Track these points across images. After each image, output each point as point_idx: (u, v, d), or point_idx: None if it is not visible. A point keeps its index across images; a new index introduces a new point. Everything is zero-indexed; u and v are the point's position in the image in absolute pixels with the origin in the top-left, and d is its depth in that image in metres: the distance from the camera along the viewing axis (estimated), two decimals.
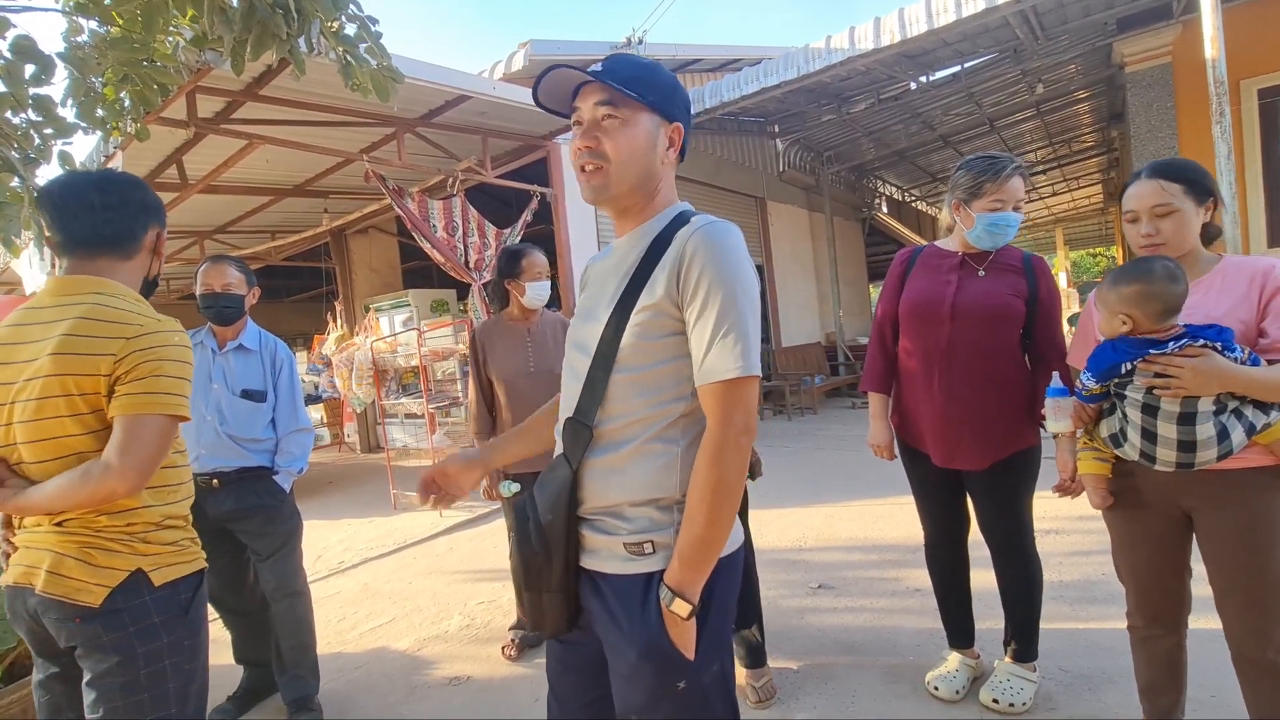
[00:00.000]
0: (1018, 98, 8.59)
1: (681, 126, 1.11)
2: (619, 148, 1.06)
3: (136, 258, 1.41)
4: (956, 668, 2.14)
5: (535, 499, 1.09)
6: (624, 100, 1.05)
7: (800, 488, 4.83)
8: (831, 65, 5.98)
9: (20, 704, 2.19)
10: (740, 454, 0.97)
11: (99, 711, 1.30)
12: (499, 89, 4.93)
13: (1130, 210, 1.52)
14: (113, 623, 1.28)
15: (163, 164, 5.13)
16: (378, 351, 6.15)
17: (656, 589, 1.00)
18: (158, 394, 1.27)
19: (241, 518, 2.34)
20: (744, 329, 0.98)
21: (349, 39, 2.51)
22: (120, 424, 1.25)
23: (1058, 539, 3.30)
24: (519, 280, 2.56)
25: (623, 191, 1.08)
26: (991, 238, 1.90)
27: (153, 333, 1.29)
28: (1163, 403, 1.37)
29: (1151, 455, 1.42)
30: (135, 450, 1.24)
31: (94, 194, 1.34)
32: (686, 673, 1.00)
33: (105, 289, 1.33)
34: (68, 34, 2.38)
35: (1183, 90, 5.98)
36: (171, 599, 1.35)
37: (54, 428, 1.26)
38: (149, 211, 1.42)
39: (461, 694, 2.44)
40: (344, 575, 3.94)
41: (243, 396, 2.37)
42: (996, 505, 2.01)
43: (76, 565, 1.28)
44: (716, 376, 0.97)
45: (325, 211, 7.06)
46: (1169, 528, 1.55)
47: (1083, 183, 15.02)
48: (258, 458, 2.37)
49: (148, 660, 1.31)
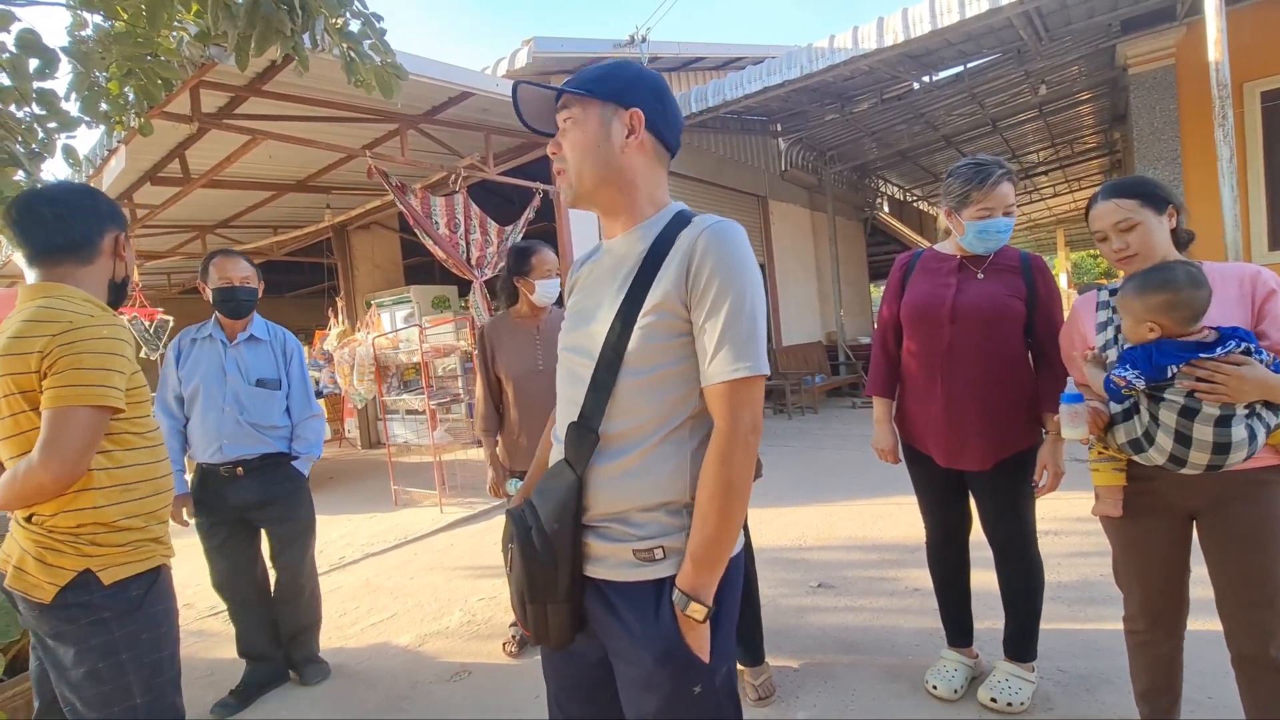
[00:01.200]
0: (1021, 99, 8.58)
1: (640, 111, 1.07)
2: (574, 146, 1.07)
3: (96, 262, 1.46)
4: (955, 667, 2.14)
5: (536, 507, 1.06)
6: (576, 100, 1.07)
7: (800, 486, 4.83)
8: (835, 65, 5.97)
9: (23, 696, 2.20)
10: (749, 453, 0.97)
11: (70, 704, 1.37)
12: (502, 86, 4.93)
13: (1097, 230, 1.61)
14: (65, 616, 1.34)
15: (166, 158, 5.13)
16: (379, 347, 6.16)
17: (668, 594, 1.00)
18: (78, 386, 1.29)
19: (265, 505, 2.45)
20: (752, 329, 0.98)
21: (353, 35, 2.52)
22: (44, 418, 1.28)
23: (1057, 540, 3.31)
24: (529, 278, 2.55)
25: (588, 189, 1.09)
26: (983, 244, 1.93)
27: (79, 327, 1.32)
28: (1204, 406, 1.37)
29: (1182, 458, 1.42)
30: (58, 443, 1.26)
31: (45, 207, 1.42)
32: (702, 676, 1.00)
33: (55, 292, 1.38)
34: (72, 28, 2.39)
35: (1186, 93, 5.98)
36: (120, 595, 1.39)
37: (11, 426, 1.33)
38: (102, 218, 1.48)
39: (463, 689, 2.45)
40: (345, 570, 3.95)
41: (258, 385, 2.45)
42: (999, 505, 2.02)
43: (34, 563, 1.35)
44: (725, 376, 0.97)
45: (328, 207, 7.06)
46: (1173, 530, 1.57)
47: (1085, 184, 15.00)
48: (277, 444, 2.49)
49: (103, 654, 1.36)
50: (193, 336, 2.50)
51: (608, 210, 1.12)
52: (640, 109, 1.07)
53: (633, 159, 1.08)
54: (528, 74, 6.32)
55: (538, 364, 2.56)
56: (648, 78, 1.10)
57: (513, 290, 2.63)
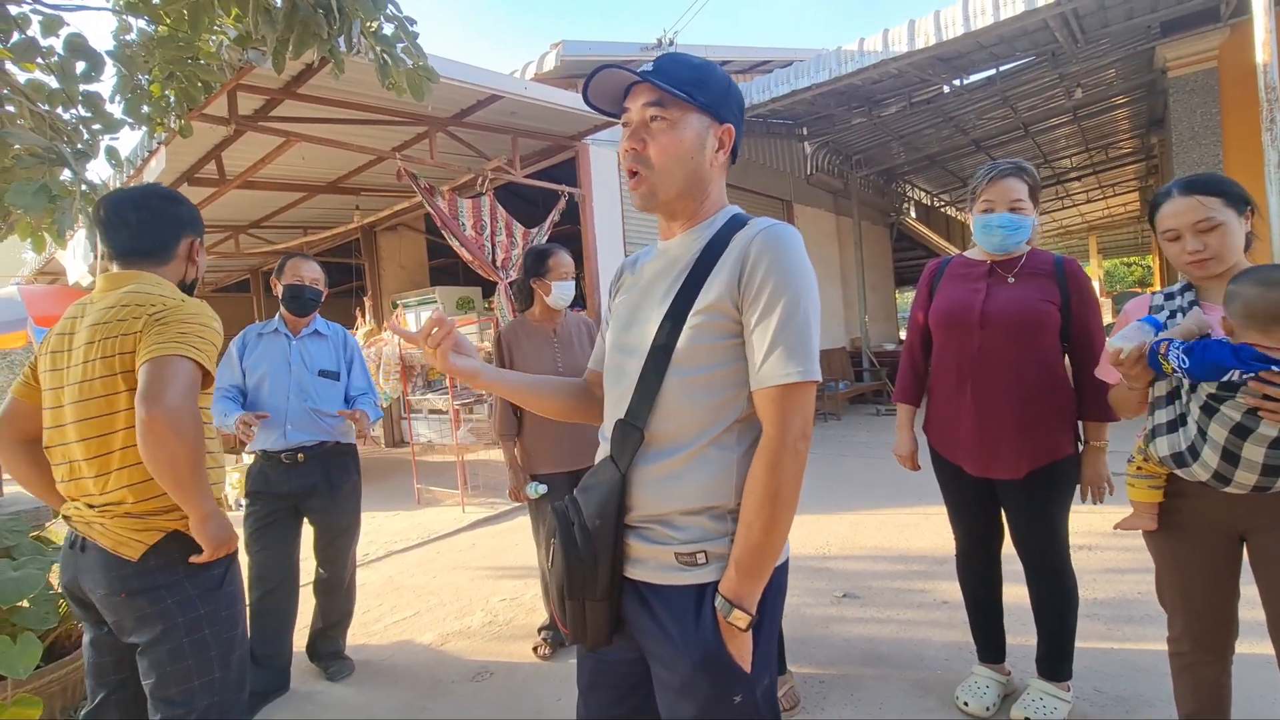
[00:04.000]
0: (1054, 102, 8.41)
1: (733, 128, 1.07)
2: (663, 151, 1.03)
3: (171, 264, 1.56)
4: (987, 683, 2.09)
5: (579, 503, 1.05)
6: (672, 101, 1.02)
7: (824, 494, 4.77)
8: (864, 68, 5.92)
9: (60, 682, 2.25)
10: (798, 461, 0.95)
11: (151, 677, 1.43)
12: (530, 89, 4.96)
13: (1170, 229, 1.47)
14: (154, 597, 1.42)
15: (202, 160, 5.25)
16: (405, 347, 6.23)
17: (710, 600, 0.98)
18: (174, 341, 1.36)
19: (320, 492, 2.55)
20: (806, 333, 0.96)
21: (387, 39, 2.55)
22: (141, 373, 1.34)
23: (1092, 555, 3.22)
24: (545, 279, 2.56)
25: (670, 197, 1.06)
26: (988, 239, 1.91)
27: (171, 307, 1.41)
28: (1262, 425, 1.27)
29: (1227, 476, 1.35)
30: (156, 385, 1.32)
31: (131, 211, 1.51)
32: (743, 685, 0.98)
33: (141, 280, 1.47)
34: (117, 32, 2.45)
35: (1229, 96, 5.81)
36: (203, 574, 1.48)
37: (103, 405, 1.39)
38: (182, 224, 1.57)
39: (485, 690, 2.45)
40: (368, 568, 3.99)
41: (320, 375, 2.61)
42: (1030, 517, 1.96)
43: (120, 527, 1.42)
44: (776, 381, 0.94)
45: (357, 208, 7.16)
46: (1221, 550, 1.50)
47: (1118, 190, 14.67)
48: (336, 435, 2.63)
49: (188, 629, 1.43)
50: (258, 332, 2.64)
51: (674, 215, 1.10)
52: (733, 126, 1.07)
53: (714, 172, 1.08)
54: (556, 77, 6.36)
55: (557, 367, 2.56)
56: (735, 91, 1.09)
57: (529, 293, 2.63)
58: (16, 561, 2.24)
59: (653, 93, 1.03)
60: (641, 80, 1.03)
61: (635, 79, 1.04)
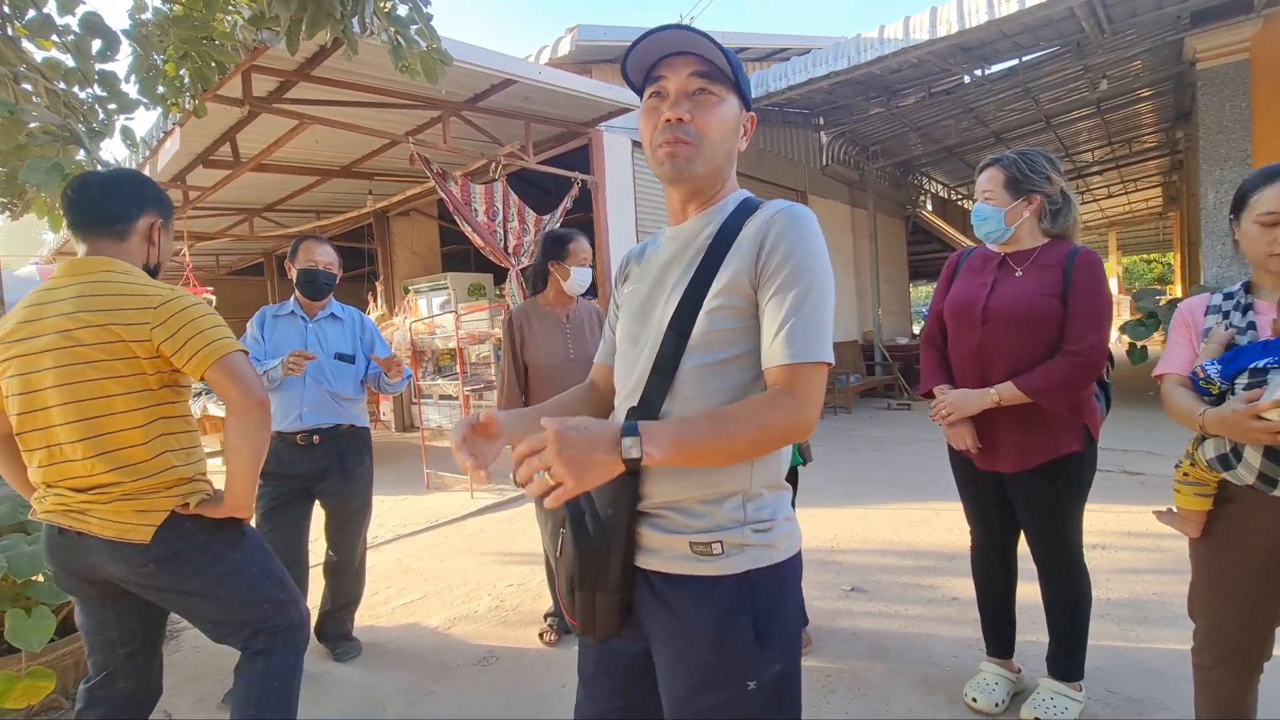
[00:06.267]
0: (1077, 94, 8.25)
1: (755, 117, 1.10)
2: (713, 125, 1.00)
3: (130, 240, 1.54)
4: (996, 680, 2.07)
5: (590, 491, 1.01)
6: (720, 77, 1.00)
7: (833, 487, 4.74)
8: (884, 56, 5.82)
9: (73, 655, 2.28)
10: (795, 436, 0.92)
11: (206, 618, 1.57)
12: (545, 74, 4.92)
13: (1271, 212, 1.33)
14: (185, 559, 1.49)
15: (217, 142, 5.27)
16: (416, 332, 6.26)
17: (725, 592, 0.96)
18: (217, 340, 1.46)
19: (333, 475, 2.56)
20: (819, 314, 0.94)
21: (401, 20, 2.52)
22: (211, 377, 1.45)
23: (1106, 554, 3.18)
24: (564, 264, 2.52)
25: (709, 171, 1.03)
26: (978, 229, 1.97)
27: (170, 299, 1.46)
28: None
29: (1274, 479, 1.30)
30: (240, 379, 1.46)
31: (95, 183, 1.54)
32: (757, 671, 0.96)
33: (114, 266, 1.48)
34: (133, 11, 2.44)
35: (1260, 89, 5.66)
36: (223, 530, 1.55)
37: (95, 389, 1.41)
38: (146, 201, 1.57)
39: (490, 674, 2.46)
40: (377, 551, 4.01)
41: (336, 358, 2.60)
42: (1038, 512, 1.94)
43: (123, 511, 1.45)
44: (785, 359, 0.91)
45: (370, 193, 7.17)
46: (1263, 570, 1.41)
47: (1140, 185, 14.42)
48: (350, 417, 2.63)
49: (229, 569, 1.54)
50: (274, 313, 2.64)
51: (696, 193, 1.07)
52: (755, 115, 1.10)
53: (735, 157, 1.09)
54: (570, 62, 6.30)
55: (569, 353, 2.53)
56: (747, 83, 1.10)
57: (544, 275, 2.60)
58: (31, 536, 2.26)
59: (702, 64, 0.99)
60: (686, 53, 0.99)
61: (684, 48, 1.00)
